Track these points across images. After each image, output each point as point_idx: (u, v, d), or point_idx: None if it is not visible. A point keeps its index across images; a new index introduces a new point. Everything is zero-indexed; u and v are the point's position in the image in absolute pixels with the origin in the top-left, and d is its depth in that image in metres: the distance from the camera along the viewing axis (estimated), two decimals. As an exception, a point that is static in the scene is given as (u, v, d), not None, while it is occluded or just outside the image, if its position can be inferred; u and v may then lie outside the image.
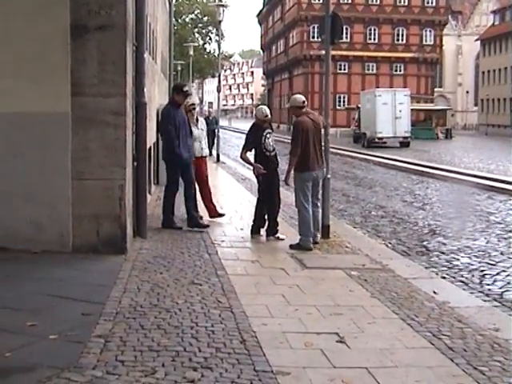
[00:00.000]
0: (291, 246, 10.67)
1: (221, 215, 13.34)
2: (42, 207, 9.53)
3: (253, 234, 11.65)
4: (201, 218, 12.68)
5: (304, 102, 11.03)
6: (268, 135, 11.45)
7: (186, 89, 12.46)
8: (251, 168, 12.02)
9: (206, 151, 13.33)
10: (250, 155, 11.73)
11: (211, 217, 13.15)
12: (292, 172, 10.90)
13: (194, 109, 12.96)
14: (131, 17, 10.12)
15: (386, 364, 5.75)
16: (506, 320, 7.58)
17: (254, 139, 11.46)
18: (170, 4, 30.53)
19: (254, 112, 12.89)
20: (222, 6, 33.45)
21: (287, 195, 17.74)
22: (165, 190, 12.58)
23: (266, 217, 11.64)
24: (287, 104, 11.48)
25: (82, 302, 7.23)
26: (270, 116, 11.63)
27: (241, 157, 11.80)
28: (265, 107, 11.83)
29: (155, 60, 18.10)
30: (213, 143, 31.10)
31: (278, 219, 11.71)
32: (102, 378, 5.17)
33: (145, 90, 10.93)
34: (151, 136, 15.62)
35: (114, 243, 9.61)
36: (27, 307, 6.96)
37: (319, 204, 11.26)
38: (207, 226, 12.26)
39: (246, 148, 11.62)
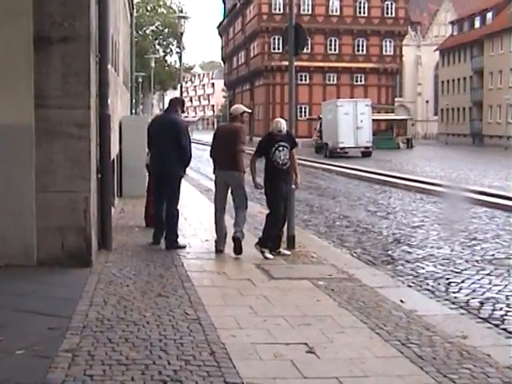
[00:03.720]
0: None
1: None
2: (5, 220, 9.42)
3: (261, 247, 11.14)
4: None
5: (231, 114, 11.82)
6: (281, 148, 11.13)
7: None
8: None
9: None
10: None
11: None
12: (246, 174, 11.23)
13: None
14: (94, 28, 10.05)
15: (357, 374, 5.74)
16: (474, 327, 7.64)
17: (264, 147, 11.34)
18: (131, 15, 30.49)
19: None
20: (184, 17, 33.39)
21: (250, 205, 17.77)
22: (171, 207, 11.67)
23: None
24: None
25: (48, 316, 7.14)
26: (283, 130, 11.26)
27: (250, 161, 11.43)
28: (282, 121, 11.42)
29: (117, 72, 18.03)
30: None
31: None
32: (70, 393, 5.11)
33: (109, 101, 10.86)
34: (114, 148, 15.54)
35: (78, 256, 9.53)
36: (-8, 322, 6.87)
37: None
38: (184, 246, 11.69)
39: (255, 154, 11.47)
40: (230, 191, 11.48)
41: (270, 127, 11.65)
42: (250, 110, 12.43)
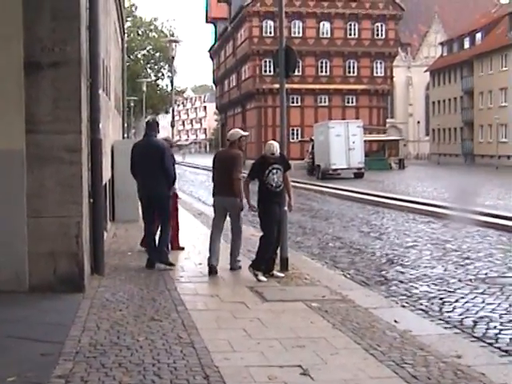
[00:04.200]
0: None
1: (181, 248, 13.65)
2: (-4, 246, 9.38)
3: (254, 270, 11.08)
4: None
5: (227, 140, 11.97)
6: (274, 170, 11.12)
7: None
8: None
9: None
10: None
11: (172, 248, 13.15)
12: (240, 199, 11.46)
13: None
14: (85, 53, 10.07)
15: (351, 395, 5.72)
16: (468, 346, 7.62)
17: (257, 170, 11.32)
18: (122, 40, 30.56)
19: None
20: (175, 41, 33.43)
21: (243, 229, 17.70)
22: (165, 227, 12.07)
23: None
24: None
25: (41, 342, 7.11)
26: (277, 153, 11.24)
27: (243, 183, 11.46)
28: (275, 144, 11.40)
29: (109, 96, 18.03)
30: None
31: None
32: (63, 419, 5.07)
33: (100, 126, 10.86)
34: (106, 172, 15.53)
35: (71, 281, 9.49)
36: (-16, 349, 6.82)
37: None
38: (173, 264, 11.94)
39: (248, 177, 11.46)
40: (228, 216, 11.72)
41: (263, 150, 11.64)
42: (247, 133, 12.45)
